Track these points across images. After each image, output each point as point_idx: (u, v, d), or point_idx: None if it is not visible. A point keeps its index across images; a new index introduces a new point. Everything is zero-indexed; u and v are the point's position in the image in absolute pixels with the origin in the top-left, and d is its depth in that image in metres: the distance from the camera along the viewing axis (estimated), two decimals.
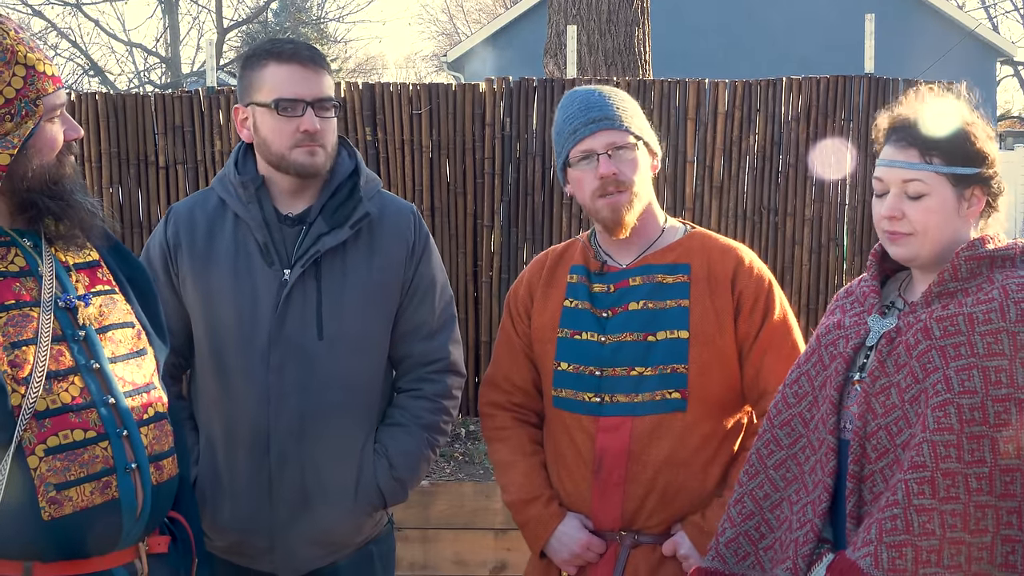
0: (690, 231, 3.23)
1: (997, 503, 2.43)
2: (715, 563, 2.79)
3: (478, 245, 5.80)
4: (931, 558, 2.41)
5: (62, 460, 2.33)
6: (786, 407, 2.77)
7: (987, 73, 23.22)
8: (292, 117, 3.07)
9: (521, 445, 3.25)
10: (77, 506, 2.34)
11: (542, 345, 3.21)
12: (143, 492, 2.44)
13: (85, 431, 2.37)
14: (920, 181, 2.58)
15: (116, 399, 2.43)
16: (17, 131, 2.36)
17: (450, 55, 24.96)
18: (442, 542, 5.31)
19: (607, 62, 7.92)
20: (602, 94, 3.15)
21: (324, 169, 3.14)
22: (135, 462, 2.43)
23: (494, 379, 3.32)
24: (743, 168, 5.79)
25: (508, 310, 3.32)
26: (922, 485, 2.42)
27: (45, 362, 2.34)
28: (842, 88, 5.76)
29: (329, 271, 3.13)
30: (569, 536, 3.14)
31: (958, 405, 2.44)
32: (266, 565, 3.17)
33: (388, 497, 3.22)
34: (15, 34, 2.39)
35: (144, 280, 2.69)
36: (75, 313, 2.45)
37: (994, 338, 2.47)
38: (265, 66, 3.11)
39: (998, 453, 2.42)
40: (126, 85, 32.38)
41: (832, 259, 5.84)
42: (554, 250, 3.33)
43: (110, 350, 2.48)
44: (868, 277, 2.76)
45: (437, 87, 5.77)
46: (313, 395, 3.10)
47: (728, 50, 20.55)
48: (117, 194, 5.73)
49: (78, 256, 2.52)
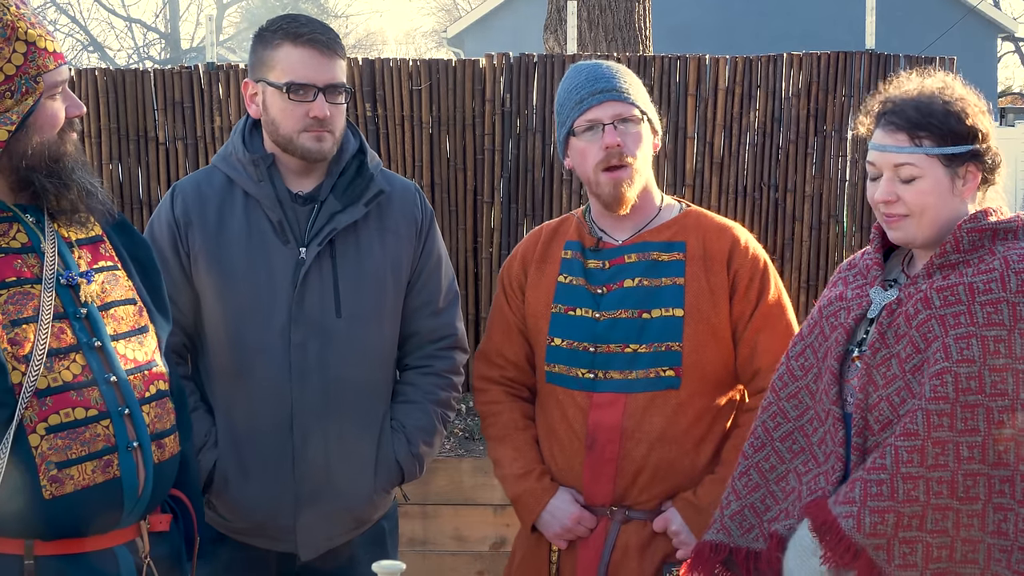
0: (685, 209, 3.24)
1: (990, 471, 2.44)
2: (720, 536, 2.80)
3: (478, 221, 5.80)
4: (912, 523, 2.44)
5: (63, 438, 2.32)
6: (792, 379, 2.77)
7: (988, 49, 23.17)
8: (303, 102, 3.07)
9: (514, 420, 3.26)
10: (78, 485, 2.33)
11: (535, 320, 3.22)
12: (145, 471, 2.43)
13: (87, 409, 2.35)
14: (911, 165, 2.58)
15: (118, 377, 2.42)
16: (17, 108, 2.34)
17: (450, 31, 24.90)
18: (442, 518, 5.32)
19: (607, 38, 7.89)
20: (609, 67, 3.16)
21: (331, 155, 3.14)
22: (137, 440, 2.41)
23: (487, 353, 3.33)
24: (743, 144, 5.78)
25: (502, 285, 3.33)
26: (912, 453, 2.44)
27: (46, 340, 2.33)
28: (843, 64, 5.75)
29: (343, 249, 3.14)
30: (561, 510, 3.15)
31: (955, 374, 2.45)
32: (287, 545, 3.17)
33: (407, 473, 3.24)
34: (16, 9, 2.36)
35: (147, 256, 2.67)
36: (77, 290, 2.43)
37: (994, 308, 2.47)
38: (279, 46, 3.09)
39: (992, 422, 2.43)
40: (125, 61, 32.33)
41: (832, 236, 5.84)
42: (548, 225, 3.32)
43: (112, 327, 2.46)
44: (871, 250, 2.76)
45: (437, 63, 5.76)
46: (333, 372, 3.11)
47: (729, 26, 20.50)
48: (117, 170, 5.72)
49: (81, 232, 2.50)
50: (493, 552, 5.35)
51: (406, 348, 3.30)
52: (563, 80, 3.21)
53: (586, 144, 3.11)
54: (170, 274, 3.08)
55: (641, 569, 3.10)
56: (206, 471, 3.10)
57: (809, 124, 5.76)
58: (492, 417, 3.30)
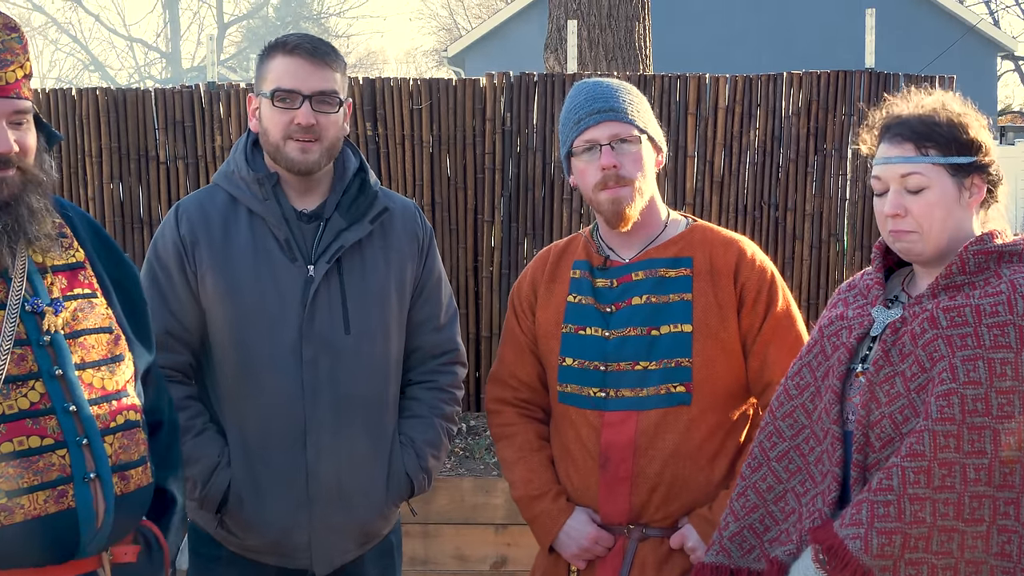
0: (692, 224, 3.23)
1: (995, 493, 2.44)
2: (719, 558, 2.79)
3: (478, 240, 5.80)
4: (919, 544, 2.43)
5: (15, 467, 2.27)
6: (788, 399, 2.77)
7: (988, 68, 23.21)
8: (288, 109, 3.08)
9: (528, 441, 3.26)
10: (29, 514, 2.28)
11: (547, 341, 3.22)
12: (104, 502, 2.37)
13: (42, 438, 2.31)
14: (919, 174, 2.58)
15: (79, 406, 2.36)
16: None
17: (450, 50, 24.94)
18: (443, 537, 5.31)
19: (607, 57, 7.91)
20: (610, 86, 3.15)
21: (318, 168, 3.14)
22: (95, 471, 2.36)
23: (500, 375, 3.33)
24: (743, 163, 5.78)
25: (512, 306, 3.33)
26: (918, 475, 2.43)
27: (4, 366, 2.29)
28: (843, 83, 5.76)
29: (350, 266, 3.16)
30: (578, 530, 3.14)
31: (962, 395, 2.44)
32: (302, 561, 3.17)
33: (417, 486, 3.26)
34: None
35: (133, 283, 2.64)
36: (43, 317, 2.38)
37: (1001, 330, 2.47)
38: (273, 57, 3.13)
39: (999, 444, 2.43)
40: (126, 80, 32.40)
41: (832, 254, 5.84)
42: (556, 246, 3.33)
43: (79, 355, 2.41)
44: (872, 270, 2.76)
45: (437, 82, 5.77)
46: (343, 388, 3.12)
47: (728, 45, 20.54)
48: (118, 189, 5.73)
49: (60, 257, 2.46)
50: (494, 571, 5.34)
51: (409, 363, 3.32)
52: (567, 98, 3.22)
53: (585, 164, 3.11)
54: (177, 293, 3.11)
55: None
56: (221, 491, 3.10)
57: (809, 143, 5.77)
58: (506, 439, 3.30)
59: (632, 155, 3.10)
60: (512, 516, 5.24)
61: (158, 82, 31.41)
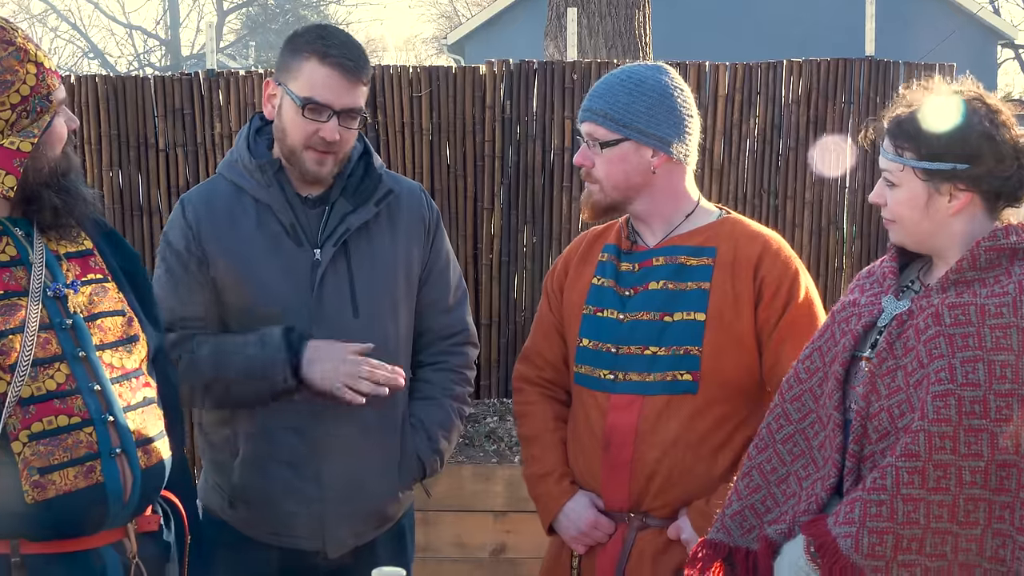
0: (723, 216, 3.21)
1: (991, 497, 2.44)
2: (720, 535, 2.79)
3: (478, 228, 5.80)
4: (912, 546, 2.43)
5: (46, 445, 2.37)
6: (797, 382, 2.77)
7: (988, 56, 23.18)
8: (316, 121, 3.07)
9: (545, 420, 3.27)
10: (60, 489, 2.38)
11: (570, 321, 3.24)
12: (132, 476, 2.47)
13: (69, 417, 2.41)
14: (889, 172, 2.61)
15: (102, 386, 2.47)
16: (31, 127, 2.44)
17: (450, 37, 24.91)
18: (442, 524, 5.31)
19: (607, 45, 7.91)
20: (606, 83, 3.15)
21: (330, 178, 3.15)
22: (121, 447, 2.46)
23: (527, 354, 3.36)
24: (743, 151, 5.79)
25: (545, 286, 3.37)
26: (912, 475, 2.43)
27: (31, 350, 2.39)
28: (842, 71, 5.76)
29: (356, 249, 3.17)
30: (577, 513, 3.15)
31: (959, 397, 2.43)
32: (315, 544, 3.18)
33: (429, 468, 3.28)
34: (23, 32, 2.47)
35: (137, 268, 2.71)
36: (64, 302, 2.48)
37: (1003, 332, 2.46)
38: (307, 58, 3.08)
39: (996, 448, 2.42)
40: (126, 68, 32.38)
41: (832, 242, 5.84)
42: (595, 229, 3.35)
43: (98, 337, 2.51)
44: (888, 258, 2.76)
45: (437, 70, 5.77)
46: None
47: (728, 33, 20.51)
48: (117, 177, 5.73)
49: (70, 245, 2.56)
50: (493, 559, 5.34)
51: (419, 345, 3.34)
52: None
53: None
54: (192, 281, 3.13)
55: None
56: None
57: (809, 131, 5.77)
58: (524, 417, 3.33)
59: (601, 157, 3.11)
60: (511, 503, 5.25)
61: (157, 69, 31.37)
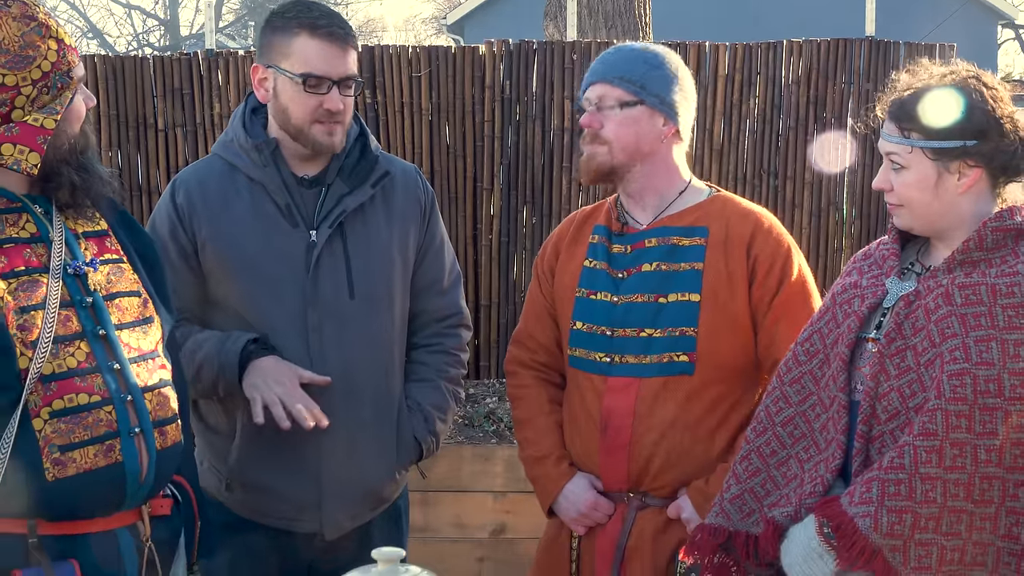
0: (714, 194, 3.21)
1: (1005, 475, 2.44)
2: (719, 519, 2.79)
3: (478, 208, 5.80)
4: (929, 524, 2.43)
5: (66, 423, 2.37)
6: (796, 364, 2.76)
7: (988, 36, 23.12)
8: (318, 94, 3.07)
9: (540, 404, 3.28)
10: (81, 468, 2.38)
11: (562, 304, 3.23)
12: (148, 456, 2.47)
13: (90, 395, 2.41)
14: (896, 155, 2.59)
15: (121, 365, 2.47)
16: (53, 103, 2.43)
17: (450, 17, 24.83)
18: (441, 505, 5.32)
19: (607, 24, 7.89)
20: (632, 53, 3.16)
21: (340, 147, 3.15)
22: (139, 426, 2.46)
23: (520, 337, 3.36)
24: (743, 131, 5.78)
25: (536, 269, 3.36)
26: (930, 454, 2.42)
27: (52, 327, 2.38)
28: (842, 51, 5.75)
29: (352, 231, 3.16)
30: (576, 495, 3.15)
31: (974, 376, 2.43)
32: (311, 525, 3.19)
33: (425, 450, 3.30)
34: (43, 8, 2.46)
35: (151, 251, 2.72)
36: (84, 279, 2.48)
37: (1015, 311, 2.46)
38: (296, 34, 3.08)
39: (1011, 426, 2.42)
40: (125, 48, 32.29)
41: (832, 223, 5.84)
42: (584, 210, 3.34)
43: (116, 317, 2.51)
44: (888, 240, 2.75)
45: (437, 50, 5.76)
46: (349, 353, 3.14)
47: (728, 13, 20.45)
48: (116, 157, 5.72)
49: (87, 225, 2.56)
50: (493, 539, 5.36)
51: (413, 327, 3.34)
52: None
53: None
54: (173, 266, 3.09)
55: (655, 556, 3.10)
56: (237, 348, 3.06)
57: (809, 111, 5.76)
58: (518, 400, 3.33)
59: (613, 118, 3.09)
60: (511, 484, 5.25)
61: (156, 49, 31.28)
